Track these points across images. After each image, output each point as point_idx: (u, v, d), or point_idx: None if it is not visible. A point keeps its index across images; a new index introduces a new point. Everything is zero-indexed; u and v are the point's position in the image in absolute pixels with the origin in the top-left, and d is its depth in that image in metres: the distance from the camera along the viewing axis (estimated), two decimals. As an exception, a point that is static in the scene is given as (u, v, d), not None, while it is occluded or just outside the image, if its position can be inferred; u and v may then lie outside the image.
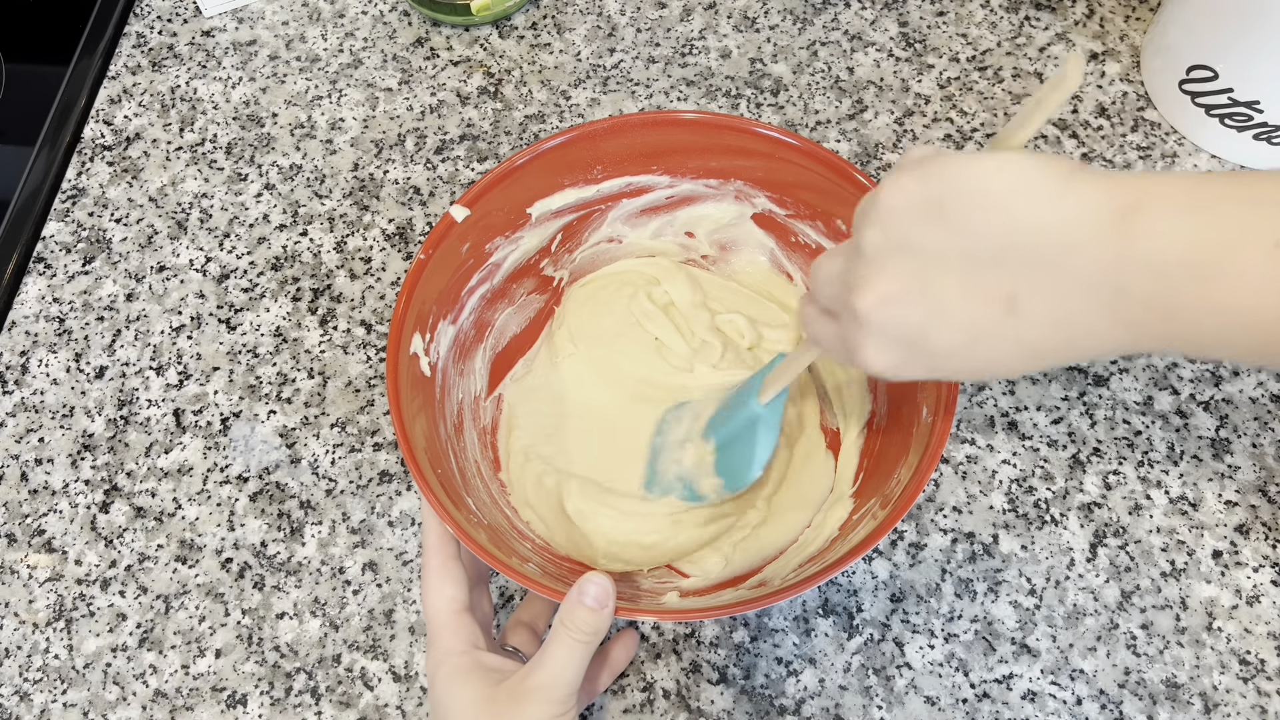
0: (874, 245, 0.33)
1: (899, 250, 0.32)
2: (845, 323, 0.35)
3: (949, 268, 0.31)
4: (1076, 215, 0.29)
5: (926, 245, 0.32)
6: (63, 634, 0.52)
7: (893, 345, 0.34)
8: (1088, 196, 0.29)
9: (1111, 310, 0.30)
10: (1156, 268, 0.29)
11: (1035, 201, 0.30)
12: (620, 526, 0.50)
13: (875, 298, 0.33)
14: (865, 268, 0.33)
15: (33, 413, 0.58)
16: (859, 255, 0.33)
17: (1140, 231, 0.29)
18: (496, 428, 0.55)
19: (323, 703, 0.50)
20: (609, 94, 0.68)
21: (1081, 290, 0.30)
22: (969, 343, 0.32)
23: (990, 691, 0.49)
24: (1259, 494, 0.53)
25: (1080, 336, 0.31)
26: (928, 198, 0.31)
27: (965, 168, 0.31)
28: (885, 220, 0.32)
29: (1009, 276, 0.31)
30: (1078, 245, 0.29)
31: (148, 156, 0.67)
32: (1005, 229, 0.30)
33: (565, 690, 0.38)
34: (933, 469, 0.42)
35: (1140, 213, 0.29)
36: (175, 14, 0.73)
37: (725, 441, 0.48)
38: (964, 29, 0.69)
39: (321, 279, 0.62)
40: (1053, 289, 0.30)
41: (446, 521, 0.41)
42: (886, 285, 0.32)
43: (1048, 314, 0.31)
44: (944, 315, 0.32)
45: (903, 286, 0.32)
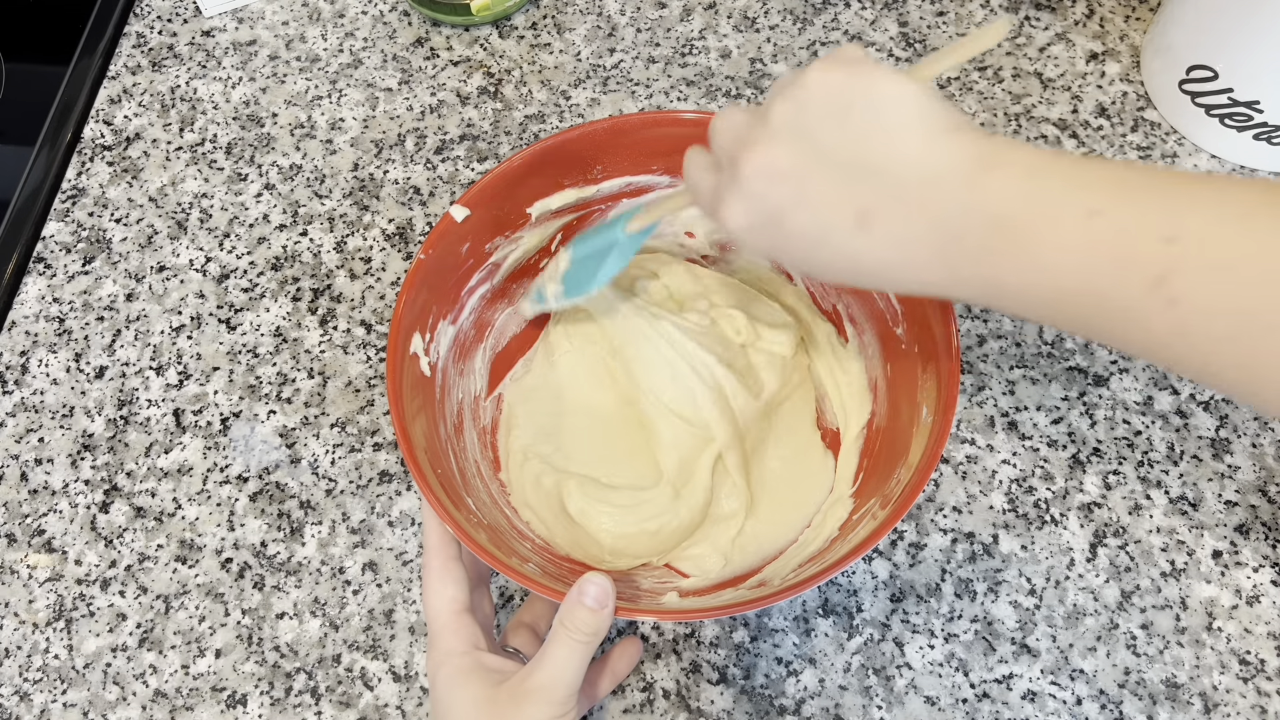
0: (780, 118, 0.34)
1: (798, 132, 0.34)
2: (724, 176, 0.37)
3: (829, 166, 0.33)
4: (943, 162, 0.32)
5: (821, 138, 0.34)
6: (63, 634, 0.52)
7: (754, 212, 0.35)
8: (958, 149, 0.32)
9: (943, 251, 0.32)
10: (991, 221, 0.31)
11: (918, 139, 0.32)
12: (624, 520, 0.50)
13: (760, 163, 0.35)
14: (763, 134, 0.35)
15: (33, 413, 0.58)
16: (763, 121, 0.35)
17: (987, 187, 0.31)
18: (496, 428, 0.55)
19: (323, 703, 0.50)
20: (609, 94, 0.68)
21: (925, 226, 0.32)
22: (815, 238, 0.35)
23: (990, 691, 0.49)
24: (1259, 494, 0.53)
25: (905, 268, 0.34)
26: (842, 97, 0.33)
27: (883, 85, 0.33)
28: (800, 101, 0.34)
29: (871, 195, 0.33)
30: (936, 187, 0.32)
31: (148, 156, 0.67)
32: (885, 153, 0.33)
33: (565, 691, 0.39)
34: (933, 469, 0.42)
35: (992, 171, 0.31)
36: (175, 14, 0.73)
37: (581, 255, 0.50)
38: (964, 29, 0.69)
39: (321, 279, 0.62)
40: (903, 219, 0.33)
41: (446, 522, 0.41)
42: (774, 157, 0.34)
43: (889, 239, 0.33)
44: (807, 205, 0.34)
45: (787, 164, 0.34)
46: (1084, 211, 0.30)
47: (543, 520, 0.51)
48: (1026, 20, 0.69)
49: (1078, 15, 0.69)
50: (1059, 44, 0.68)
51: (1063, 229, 0.30)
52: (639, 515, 0.50)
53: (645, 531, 0.50)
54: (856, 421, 0.52)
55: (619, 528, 0.50)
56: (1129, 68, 0.67)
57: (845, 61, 0.34)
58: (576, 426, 0.54)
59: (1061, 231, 0.30)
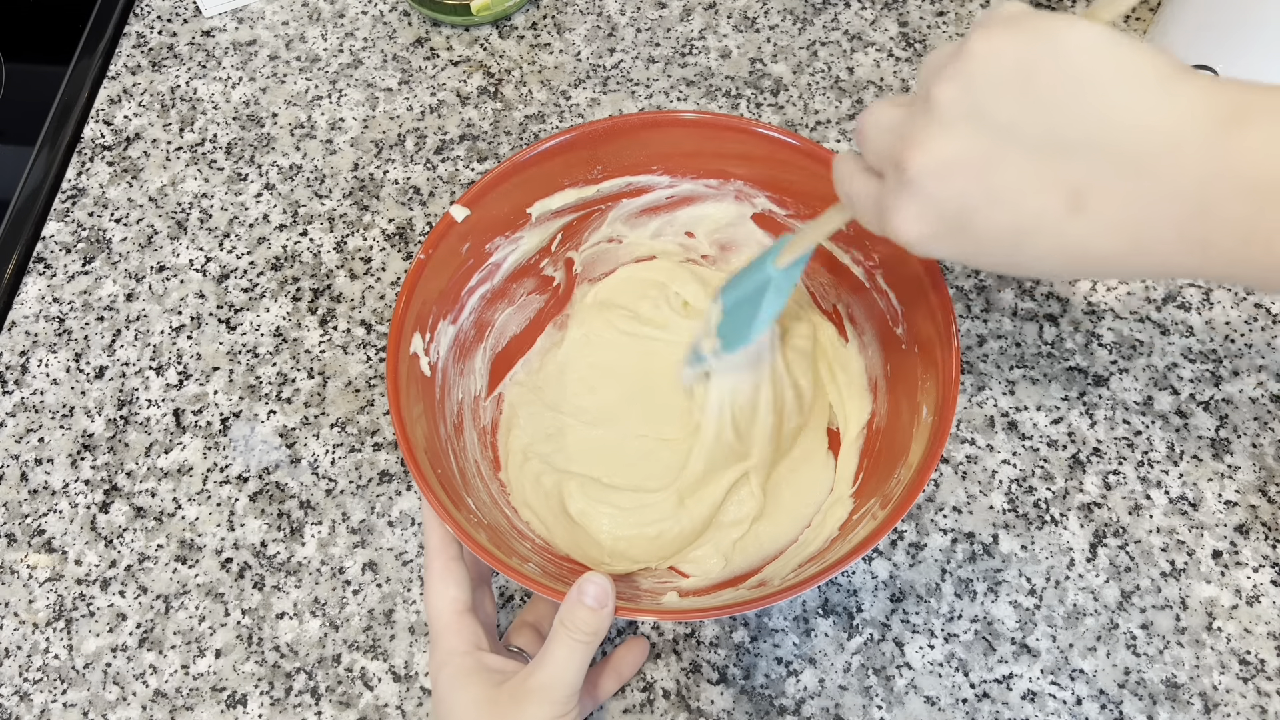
0: (947, 102, 0.29)
1: (972, 113, 0.29)
2: (888, 180, 0.31)
3: (1021, 146, 0.28)
4: (1176, 119, 0.26)
5: (1003, 115, 0.28)
6: (63, 634, 0.52)
7: (933, 216, 0.30)
8: (1189, 99, 0.26)
9: (1187, 227, 0.27)
10: (1251, 187, 0.26)
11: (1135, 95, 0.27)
12: (624, 522, 0.50)
13: (932, 160, 0.29)
14: (930, 124, 0.29)
15: (33, 413, 0.58)
16: (926, 109, 0.29)
17: (1242, 146, 0.26)
18: (496, 428, 0.55)
19: (323, 703, 0.50)
20: (609, 94, 0.68)
21: (1162, 201, 0.27)
22: (1016, 234, 0.29)
23: (990, 691, 0.49)
24: (1259, 494, 0.53)
25: (1141, 251, 0.28)
26: (1020, 62, 0.28)
27: (1068, 37, 0.27)
28: (968, 77, 0.28)
29: (1084, 170, 0.28)
30: (1170, 152, 0.26)
31: (148, 156, 0.67)
32: (1096, 118, 0.27)
33: (566, 691, 0.38)
34: (933, 469, 0.42)
35: (1244, 125, 0.26)
36: (175, 14, 0.73)
37: (734, 303, 0.45)
38: (964, 29, 0.69)
39: (321, 279, 0.62)
40: (1130, 194, 0.27)
41: (447, 522, 0.41)
42: (949, 148, 0.29)
43: (1115, 220, 0.28)
44: (1000, 198, 0.29)
45: (965, 154, 0.29)
46: None
47: (542, 520, 0.51)
48: (1026, 20, 0.69)
49: (1078, 15, 0.69)
50: (1059, 44, 0.68)
51: None
52: (640, 519, 0.50)
53: (645, 536, 0.50)
54: (856, 421, 0.52)
55: (619, 530, 0.50)
56: (1129, 68, 0.67)
57: (1009, 20, 0.28)
58: (578, 427, 0.54)
59: None
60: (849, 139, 0.65)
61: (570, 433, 0.54)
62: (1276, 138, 0.25)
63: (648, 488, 0.51)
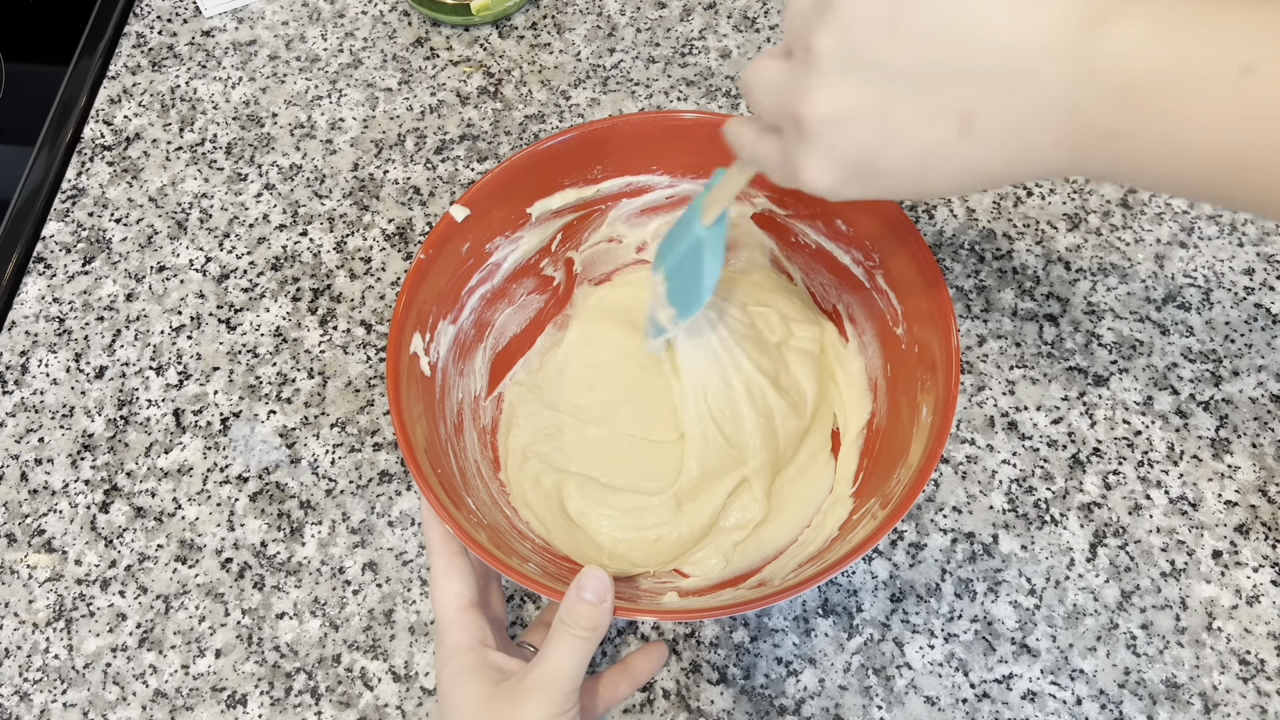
0: (828, 52, 0.30)
1: (854, 61, 0.29)
2: (788, 136, 0.32)
3: (907, 85, 0.29)
4: (1039, 28, 0.27)
5: (884, 58, 0.29)
6: (63, 634, 0.52)
7: (838, 164, 0.31)
8: (1052, 8, 0.27)
9: (1062, 130, 0.28)
10: (1114, 87, 0.27)
11: (1001, 13, 0.28)
12: (623, 524, 0.50)
13: (827, 111, 0.30)
14: (813, 78, 0.30)
15: (33, 413, 0.58)
16: (808, 63, 0.30)
17: (1103, 48, 0.27)
18: (496, 427, 0.55)
19: (323, 703, 0.50)
20: (609, 94, 0.68)
21: (1037, 109, 0.28)
22: (920, 165, 0.31)
23: (990, 691, 0.49)
24: (1259, 494, 0.53)
25: (1028, 159, 0.30)
26: (887, 11, 0.29)
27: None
28: (842, 25, 0.29)
29: (966, 94, 0.29)
30: (1038, 60, 0.28)
31: (148, 156, 0.67)
32: (969, 43, 0.28)
33: (564, 688, 0.38)
34: (933, 469, 0.42)
35: (1105, 27, 0.27)
36: (175, 14, 0.73)
37: (672, 269, 0.46)
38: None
39: (321, 279, 0.62)
40: (1008, 108, 0.29)
41: (447, 521, 0.41)
42: (840, 99, 0.30)
43: (1001, 134, 0.29)
44: (898, 136, 0.30)
45: (857, 102, 0.30)
46: (1235, 69, 0.25)
47: (541, 521, 0.51)
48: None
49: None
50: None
51: (1210, 95, 0.26)
52: (639, 521, 0.50)
53: (645, 539, 0.50)
54: (856, 421, 0.52)
55: (618, 532, 0.50)
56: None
57: None
58: (578, 426, 0.54)
59: (1209, 98, 0.26)
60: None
61: (569, 431, 0.54)
62: (1133, 36, 0.26)
63: (645, 490, 0.51)
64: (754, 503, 0.50)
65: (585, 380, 0.55)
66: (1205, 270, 0.59)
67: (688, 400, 0.52)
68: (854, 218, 0.50)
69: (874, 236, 0.49)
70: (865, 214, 0.49)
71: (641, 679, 0.47)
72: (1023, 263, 0.60)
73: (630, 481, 0.52)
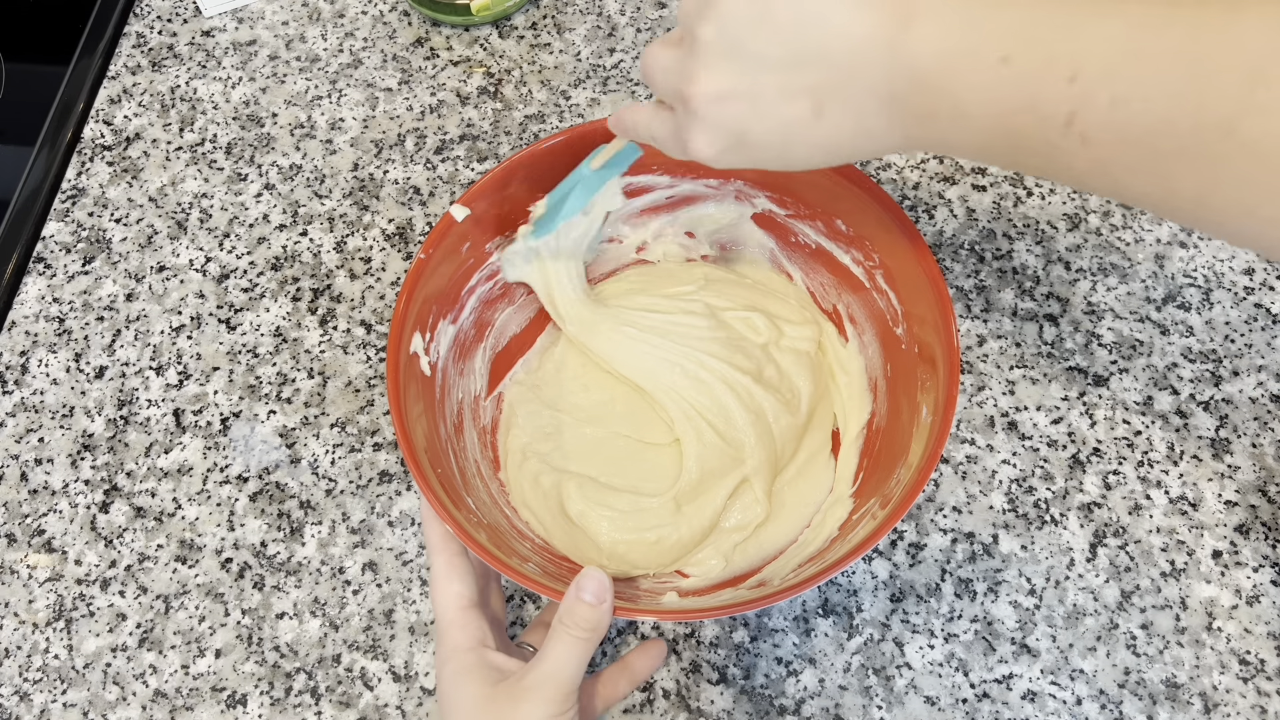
0: (707, 43, 0.35)
1: (729, 50, 0.35)
2: (679, 113, 0.38)
3: (770, 70, 0.34)
4: (866, 24, 0.33)
5: (753, 46, 0.34)
6: (63, 634, 0.52)
7: (719, 136, 0.37)
8: (877, 10, 0.32)
9: (888, 113, 0.34)
10: (916, 81, 0.32)
11: (840, 11, 0.33)
12: (622, 525, 0.50)
13: (708, 92, 0.36)
14: (698, 63, 0.36)
15: (33, 413, 0.58)
16: (693, 51, 0.36)
17: (908, 43, 0.32)
18: (496, 427, 0.55)
19: (323, 703, 0.50)
20: (609, 94, 0.68)
21: (868, 96, 0.33)
22: (783, 140, 0.36)
23: (990, 691, 0.49)
24: (1259, 494, 0.53)
25: (870, 137, 0.35)
26: (758, 6, 0.34)
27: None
28: (719, 17, 0.35)
29: (815, 79, 0.34)
30: (866, 52, 0.33)
31: (148, 156, 0.67)
32: (816, 34, 0.33)
33: (563, 688, 0.38)
34: (933, 469, 0.42)
35: (911, 25, 0.32)
36: (175, 14, 0.73)
37: (554, 200, 0.50)
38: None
39: (321, 279, 0.62)
40: (846, 96, 0.34)
41: (447, 521, 0.41)
42: (719, 81, 0.35)
43: (844, 115, 0.34)
44: (764, 114, 0.35)
45: (731, 84, 0.35)
46: (995, 59, 0.31)
47: (541, 521, 0.51)
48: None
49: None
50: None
51: (977, 80, 0.31)
52: (639, 523, 0.50)
53: (645, 541, 0.50)
54: (856, 421, 0.52)
55: (618, 533, 0.50)
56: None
57: None
58: (577, 426, 0.54)
59: (976, 84, 0.31)
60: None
61: (567, 431, 0.54)
62: (926, 33, 0.32)
63: (644, 491, 0.51)
64: (755, 503, 0.50)
65: (581, 380, 0.55)
66: (1205, 270, 0.59)
67: (666, 404, 0.52)
68: (854, 218, 0.50)
69: (874, 236, 0.49)
70: (865, 214, 0.49)
71: (641, 676, 0.47)
72: (1023, 263, 0.60)
73: (629, 482, 0.52)
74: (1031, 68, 0.30)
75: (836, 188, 0.49)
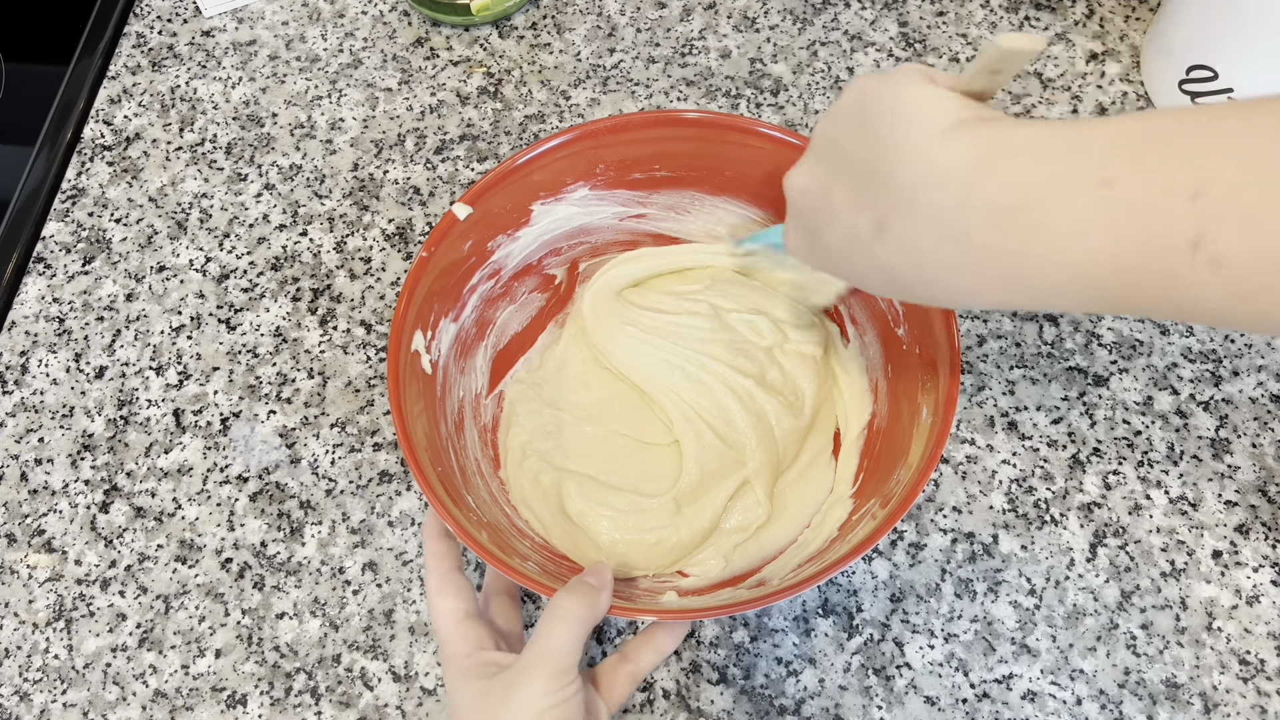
0: (818, 134, 0.36)
1: (829, 145, 0.35)
2: None
3: (850, 175, 0.34)
4: (944, 160, 0.30)
5: (845, 149, 0.34)
6: (63, 634, 0.52)
7: (799, 229, 0.37)
8: (959, 145, 0.30)
9: (953, 253, 0.31)
10: (995, 213, 0.29)
11: (919, 138, 0.31)
12: (622, 525, 0.50)
13: (797, 183, 0.36)
14: (804, 156, 0.36)
15: (33, 413, 0.58)
16: (809, 145, 0.36)
17: (986, 179, 0.29)
18: (497, 426, 0.55)
19: (323, 703, 0.50)
20: (609, 94, 0.68)
21: (928, 227, 0.31)
22: (847, 249, 0.35)
23: (990, 691, 0.49)
24: (1259, 494, 0.53)
25: (926, 272, 0.32)
26: (862, 106, 0.33)
27: (897, 90, 0.32)
28: (834, 113, 0.35)
29: (883, 202, 0.32)
30: (937, 188, 0.31)
31: (148, 156, 0.67)
32: (895, 155, 0.32)
33: (558, 664, 0.38)
34: (933, 469, 0.42)
35: (992, 161, 0.30)
36: (175, 14, 0.73)
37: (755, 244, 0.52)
38: (964, 29, 0.69)
39: (321, 279, 0.62)
40: (910, 224, 0.32)
41: (447, 520, 0.41)
42: (805, 173, 0.36)
43: (906, 243, 0.32)
44: (834, 218, 0.35)
45: (814, 182, 0.35)
46: (1095, 182, 0.27)
47: (540, 520, 0.51)
48: (1026, 20, 0.69)
49: (1078, 15, 0.69)
50: (1059, 44, 0.68)
51: (1075, 208, 0.28)
52: (638, 524, 0.50)
53: (644, 542, 0.50)
54: (857, 422, 0.52)
55: (617, 532, 0.49)
56: (1129, 68, 0.67)
57: (885, 72, 0.34)
58: (577, 424, 0.54)
59: (1074, 211, 0.28)
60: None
61: (567, 429, 0.54)
62: (1014, 171, 0.29)
63: (644, 491, 0.51)
64: (756, 505, 0.50)
65: (582, 378, 0.55)
66: (1205, 270, 0.59)
67: (665, 405, 0.52)
68: None
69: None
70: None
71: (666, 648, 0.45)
72: (1023, 263, 0.60)
73: (629, 482, 0.52)
74: (1141, 187, 0.27)
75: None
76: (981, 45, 0.32)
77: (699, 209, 0.55)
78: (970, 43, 0.68)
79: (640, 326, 0.54)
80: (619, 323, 0.54)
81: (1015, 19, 0.69)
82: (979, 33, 0.69)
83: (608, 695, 0.43)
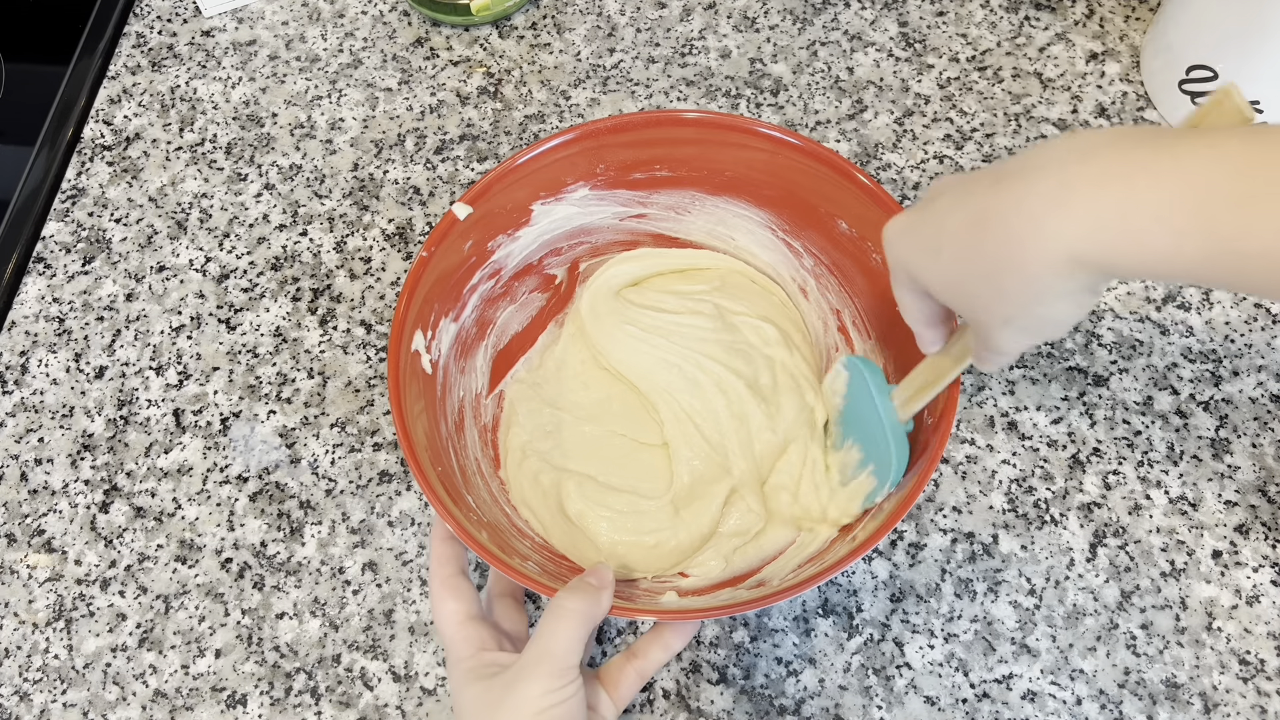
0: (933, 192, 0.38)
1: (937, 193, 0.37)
2: None
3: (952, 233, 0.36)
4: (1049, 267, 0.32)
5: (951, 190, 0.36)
6: (63, 634, 0.52)
7: (900, 266, 0.39)
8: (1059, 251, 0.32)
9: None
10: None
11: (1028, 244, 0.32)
12: (621, 526, 0.49)
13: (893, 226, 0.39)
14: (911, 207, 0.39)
15: (33, 413, 0.58)
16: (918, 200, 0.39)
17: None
18: (497, 425, 0.55)
19: (322, 703, 0.50)
20: (609, 94, 0.68)
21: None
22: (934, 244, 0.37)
23: (990, 691, 0.49)
24: (1259, 494, 0.53)
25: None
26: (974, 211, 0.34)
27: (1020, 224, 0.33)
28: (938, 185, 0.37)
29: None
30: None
31: (147, 156, 0.67)
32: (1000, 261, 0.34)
33: (559, 663, 0.38)
34: (933, 469, 0.42)
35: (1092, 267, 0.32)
36: (175, 14, 0.73)
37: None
38: (964, 29, 0.69)
39: (321, 279, 0.62)
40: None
41: (447, 520, 0.41)
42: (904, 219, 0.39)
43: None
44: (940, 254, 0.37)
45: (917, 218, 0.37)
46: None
47: (540, 520, 0.51)
48: (1026, 20, 0.69)
49: (1078, 15, 0.69)
50: (1059, 44, 0.68)
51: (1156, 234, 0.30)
52: (637, 525, 0.50)
53: (643, 544, 0.49)
54: None
55: (616, 533, 0.49)
56: (1129, 68, 0.67)
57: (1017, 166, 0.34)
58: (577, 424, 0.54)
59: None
60: (849, 139, 0.65)
61: (567, 429, 0.54)
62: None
63: (642, 492, 0.51)
64: (749, 511, 0.50)
65: (581, 377, 0.55)
66: (1205, 270, 0.59)
67: (659, 405, 0.53)
68: (856, 219, 0.50)
69: (875, 238, 0.49)
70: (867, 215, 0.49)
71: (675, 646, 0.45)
72: (1023, 263, 0.60)
73: (628, 482, 0.52)
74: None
75: (838, 190, 0.49)
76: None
77: (699, 209, 0.55)
78: (970, 42, 0.68)
79: (641, 326, 0.54)
80: (618, 322, 0.54)
81: (1015, 19, 0.69)
82: (979, 33, 0.69)
83: (614, 693, 0.43)
